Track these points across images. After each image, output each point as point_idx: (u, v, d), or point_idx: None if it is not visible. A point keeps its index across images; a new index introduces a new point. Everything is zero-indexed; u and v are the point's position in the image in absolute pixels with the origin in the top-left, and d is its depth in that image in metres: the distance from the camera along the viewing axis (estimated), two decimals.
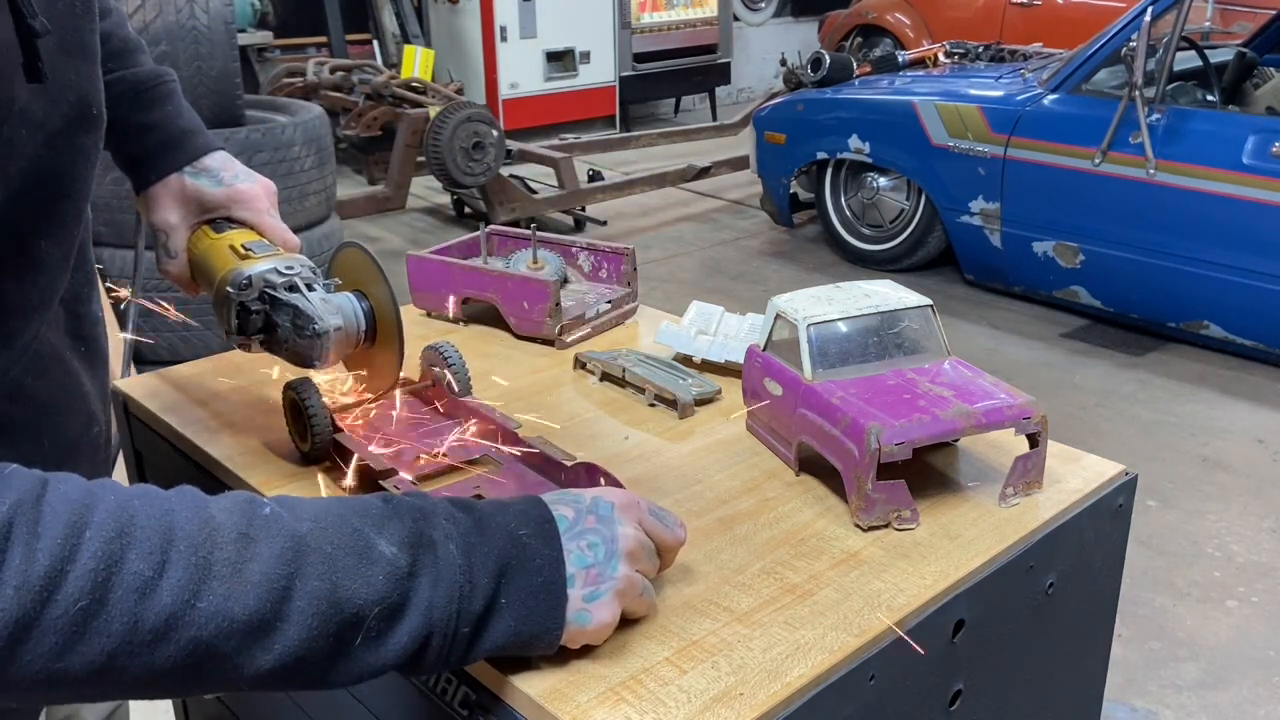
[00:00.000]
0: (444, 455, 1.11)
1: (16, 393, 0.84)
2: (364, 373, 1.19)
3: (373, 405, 1.21)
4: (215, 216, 1.16)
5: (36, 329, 0.86)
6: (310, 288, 1.07)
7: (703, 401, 1.25)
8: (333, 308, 1.06)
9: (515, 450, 1.11)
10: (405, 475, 1.04)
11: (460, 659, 0.72)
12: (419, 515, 0.71)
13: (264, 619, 0.63)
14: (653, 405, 1.26)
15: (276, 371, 1.31)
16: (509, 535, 0.74)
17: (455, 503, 0.75)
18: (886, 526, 0.99)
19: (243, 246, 1.11)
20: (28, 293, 0.83)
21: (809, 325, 1.06)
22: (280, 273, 1.07)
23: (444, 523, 0.72)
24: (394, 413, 1.20)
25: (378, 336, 1.10)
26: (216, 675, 0.63)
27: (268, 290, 1.07)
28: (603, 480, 1.00)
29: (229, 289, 1.07)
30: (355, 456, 1.05)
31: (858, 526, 0.99)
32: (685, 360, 1.35)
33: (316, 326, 1.04)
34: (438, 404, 1.22)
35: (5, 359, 0.83)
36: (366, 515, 0.70)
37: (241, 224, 1.16)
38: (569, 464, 1.04)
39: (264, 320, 1.07)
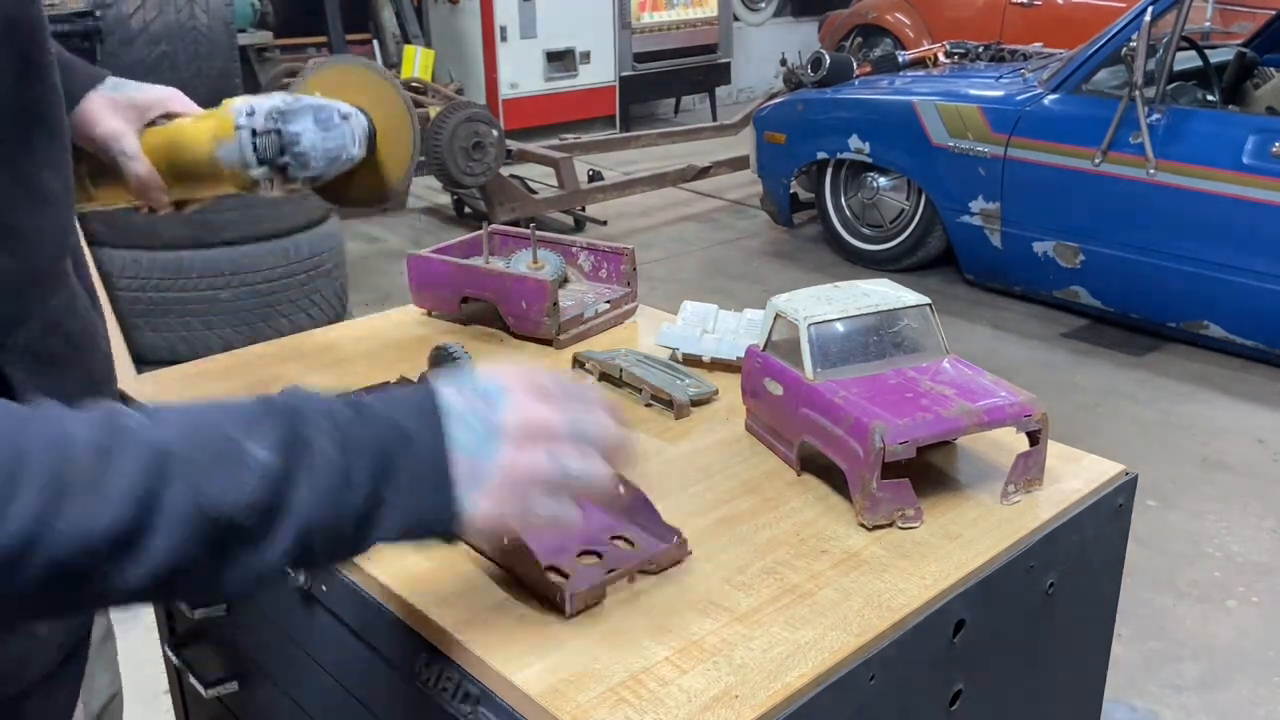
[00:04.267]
0: None
1: (55, 327, 0.85)
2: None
3: None
4: (154, 117, 1.13)
5: (64, 266, 0.87)
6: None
7: (700, 402, 1.25)
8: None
9: None
10: None
11: (351, 552, 0.70)
12: (294, 415, 0.68)
13: (128, 533, 0.60)
14: (649, 405, 1.26)
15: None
16: (391, 425, 0.70)
17: (340, 397, 0.72)
18: (891, 525, 0.99)
19: (207, 113, 1.08)
20: (46, 227, 0.84)
21: (810, 325, 1.06)
22: (269, 97, 1.04)
23: (321, 420, 0.68)
24: None
25: (376, 131, 1.08)
26: (87, 593, 0.61)
27: (274, 111, 1.03)
28: (621, 488, 1.00)
29: (239, 122, 1.02)
30: None
31: (862, 526, 0.99)
32: (694, 360, 1.35)
33: (341, 109, 1.01)
34: None
35: (44, 292, 0.84)
36: (238, 419, 0.66)
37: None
38: None
39: (278, 144, 1.03)
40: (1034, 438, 1.04)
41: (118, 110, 1.13)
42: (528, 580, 0.91)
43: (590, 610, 0.88)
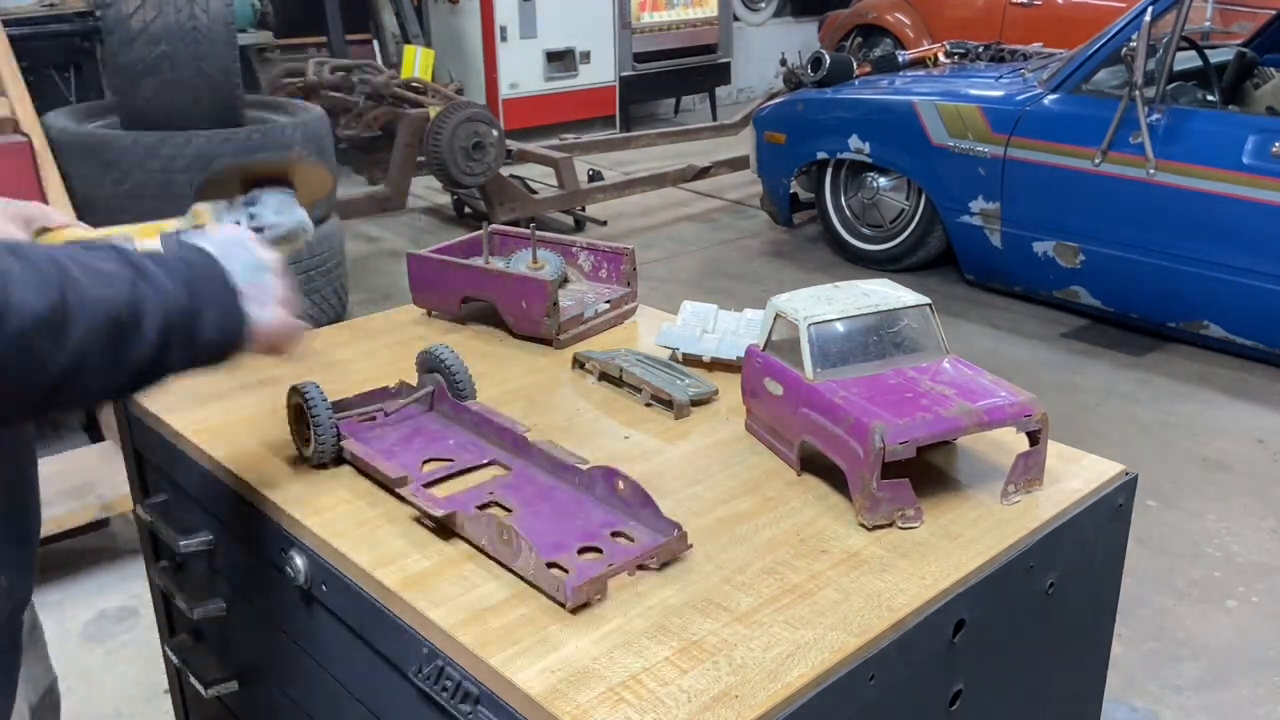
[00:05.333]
0: (451, 460, 1.12)
1: None
2: None
3: (377, 412, 1.21)
4: (38, 228, 1.10)
5: None
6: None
7: (700, 402, 1.25)
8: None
9: (525, 454, 1.11)
10: (418, 483, 1.04)
11: (191, 347, 0.87)
12: (119, 250, 0.86)
13: (56, 314, 0.76)
14: (649, 405, 1.25)
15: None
16: (184, 263, 0.89)
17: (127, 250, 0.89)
18: (891, 525, 0.99)
19: (121, 234, 1.09)
20: None
21: (810, 325, 1.06)
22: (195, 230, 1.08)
23: (138, 256, 0.86)
24: (398, 419, 1.20)
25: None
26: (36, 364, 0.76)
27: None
28: (621, 484, 1.00)
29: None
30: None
31: (862, 526, 0.99)
32: (694, 360, 1.34)
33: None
34: (443, 409, 1.22)
35: None
36: (84, 251, 0.84)
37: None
38: (583, 468, 1.04)
39: None
40: (1034, 438, 1.04)
41: (10, 220, 1.08)
42: (527, 575, 0.92)
43: (590, 610, 0.88)
